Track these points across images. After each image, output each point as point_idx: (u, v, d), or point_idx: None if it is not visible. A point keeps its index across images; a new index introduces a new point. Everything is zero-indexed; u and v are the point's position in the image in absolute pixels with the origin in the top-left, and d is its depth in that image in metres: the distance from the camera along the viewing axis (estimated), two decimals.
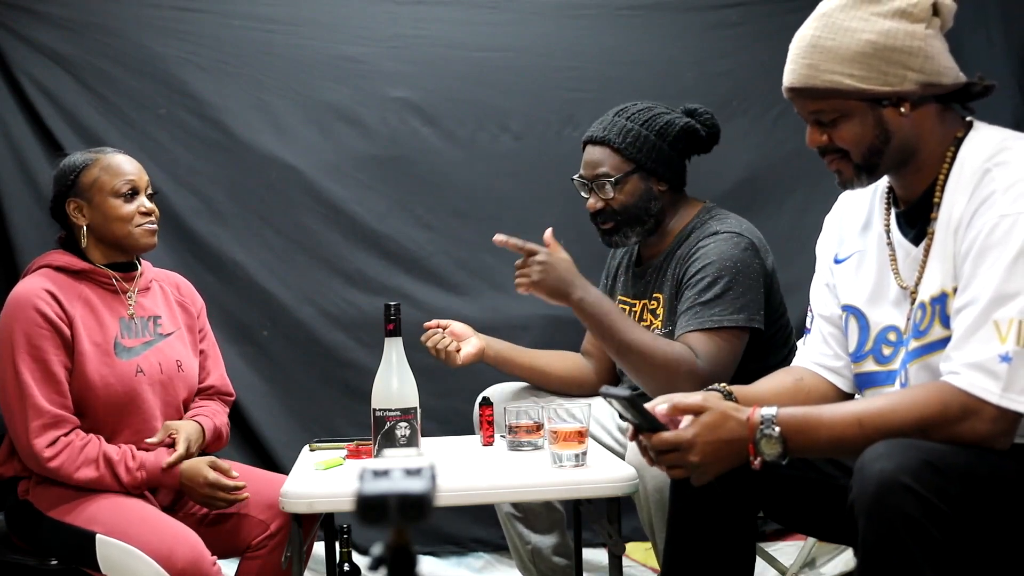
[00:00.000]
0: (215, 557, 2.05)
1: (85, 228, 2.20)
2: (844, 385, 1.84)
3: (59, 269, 2.19)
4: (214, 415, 2.31)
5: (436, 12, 3.41)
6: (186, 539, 2.03)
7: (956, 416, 1.48)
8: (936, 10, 1.63)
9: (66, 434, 2.09)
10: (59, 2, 3.23)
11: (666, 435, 1.61)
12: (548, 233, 2.36)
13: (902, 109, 1.62)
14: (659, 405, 1.67)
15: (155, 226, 2.24)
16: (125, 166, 2.22)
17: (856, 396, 1.83)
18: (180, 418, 2.28)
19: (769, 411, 1.58)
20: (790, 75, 1.68)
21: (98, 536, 2.03)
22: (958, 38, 3.67)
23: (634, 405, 1.61)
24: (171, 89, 3.26)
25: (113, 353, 2.16)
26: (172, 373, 2.25)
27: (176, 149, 3.26)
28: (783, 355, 2.41)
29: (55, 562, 2.10)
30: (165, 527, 2.06)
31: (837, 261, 1.83)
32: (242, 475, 2.26)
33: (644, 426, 1.64)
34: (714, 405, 1.63)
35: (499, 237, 2.33)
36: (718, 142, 2.52)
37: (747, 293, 2.27)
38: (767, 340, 2.35)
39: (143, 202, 2.22)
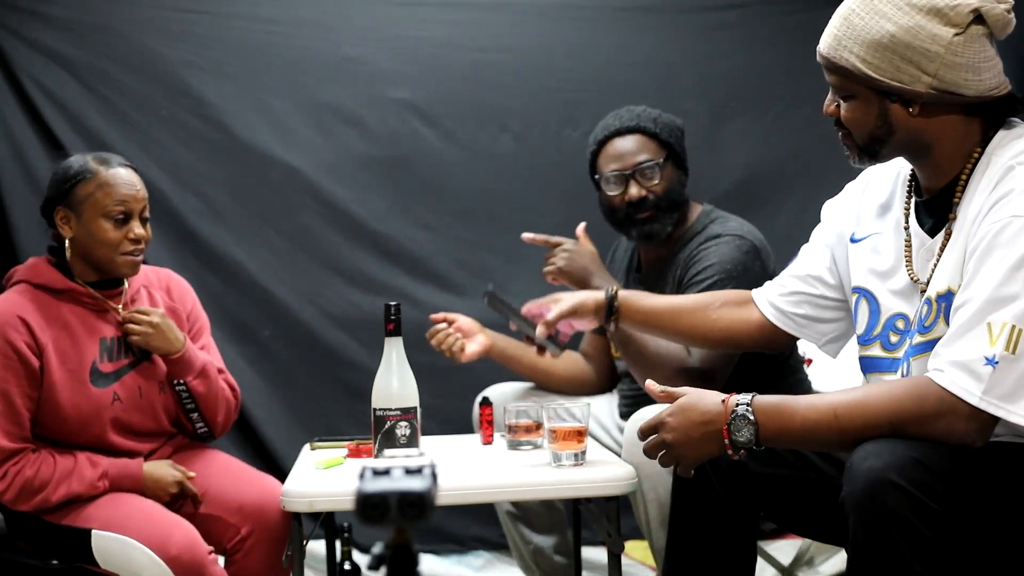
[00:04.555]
0: (211, 548, 2.06)
1: (69, 241, 2.13)
2: (776, 319, 1.91)
3: (39, 287, 2.12)
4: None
5: (436, 13, 3.42)
6: (180, 526, 2.04)
7: (931, 412, 1.47)
8: (980, 18, 1.55)
9: (16, 463, 2.04)
10: (61, 4, 3.24)
11: (651, 420, 1.66)
12: (580, 228, 2.48)
13: (911, 109, 1.58)
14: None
15: (140, 257, 2.15)
16: (123, 188, 2.12)
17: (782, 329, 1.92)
18: (164, 439, 2.25)
19: (745, 396, 1.59)
20: (822, 39, 1.65)
21: (93, 531, 2.04)
22: None
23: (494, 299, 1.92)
24: (173, 90, 3.27)
25: (88, 380, 2.10)
26: (153, 397, 2.19)
27: (178, 150, 3.27)
28: (785, 356, 2.41)
29: (56, 562, 2.11)
30: (159, 516, 2.06)
31: (853, 240, 1.79)
32: (220, 472, 2.25)
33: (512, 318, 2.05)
34: (692, 390, 1.66)
35: (527, 235, 2.48)
36: None
37: None
38: None
39: (133, 227, 2.12)
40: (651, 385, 1.70)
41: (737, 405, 1.58)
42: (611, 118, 2.47)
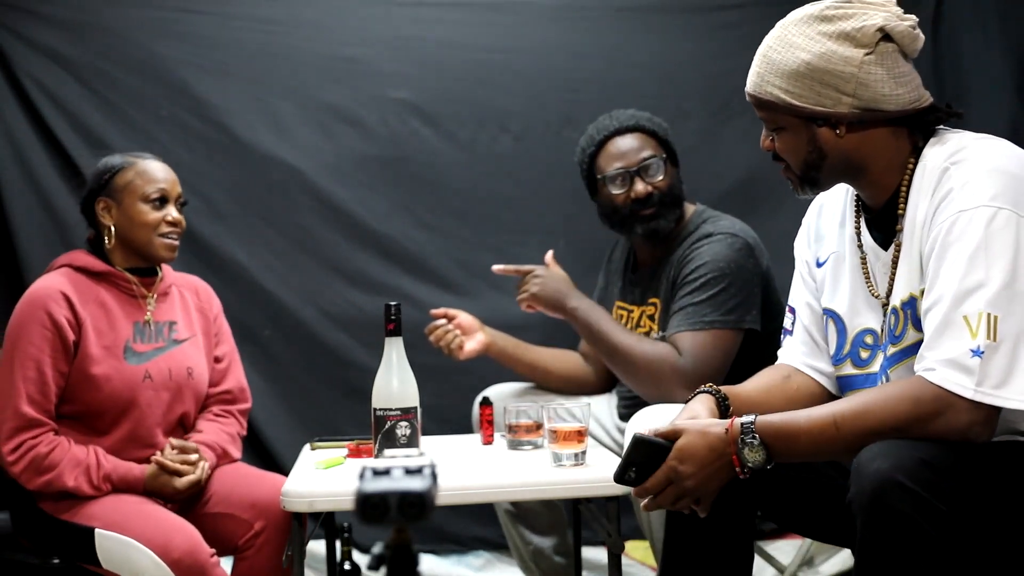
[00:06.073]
0: (214, 550, 2.07)
1: (111, 229, 2.23)
2: (829, 385, 1.83)
3: (79, 269, 2.21)
4: (227, 441, 2.31)
5: (436, 13, 3.42)
6: (182, 529, 2.06)
7: (930, 412, 1.48)
8: (888, 37, 1.62)
9: (34, 437, 2.09)
10: (61, 4, 3.24)
11: (657, 475, 1.61)
12: (549, 255, 2.54)
13: (837, 131, 1.64)
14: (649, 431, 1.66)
15: (177, 241, 2.27)
16: (159, 173, 2.27)
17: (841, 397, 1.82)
18: (180, 430, 2.29)
19: (748, 420, 1.58)
20: (747, 79, 1.73)
21: (97, 531, 2.05)
22: (956, 38, 3.68)
23: (641, 444, 1.62)
24: (172, 90, 3.28)
25: (122, 356, 2.18)
26: (182, 380, 2.26)
27: (177, 150, 3.26)
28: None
29: (57, 560, 2.12)
30: (162, 518, 2.08)
31: (819, 264, 1.84)
32: (227, 473, 2.28)
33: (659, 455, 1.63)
34: (689, 427, 1.62)
35: (497, 267, 2.55)
36: None
37: (739, 294, 2.28)
38: (765, 340, 2.35)
39: (170, 211, 2.26)
40: (658, 430, 1.65)
41: (742, 432, 1.57)
42: (605, 119, 2.48)
